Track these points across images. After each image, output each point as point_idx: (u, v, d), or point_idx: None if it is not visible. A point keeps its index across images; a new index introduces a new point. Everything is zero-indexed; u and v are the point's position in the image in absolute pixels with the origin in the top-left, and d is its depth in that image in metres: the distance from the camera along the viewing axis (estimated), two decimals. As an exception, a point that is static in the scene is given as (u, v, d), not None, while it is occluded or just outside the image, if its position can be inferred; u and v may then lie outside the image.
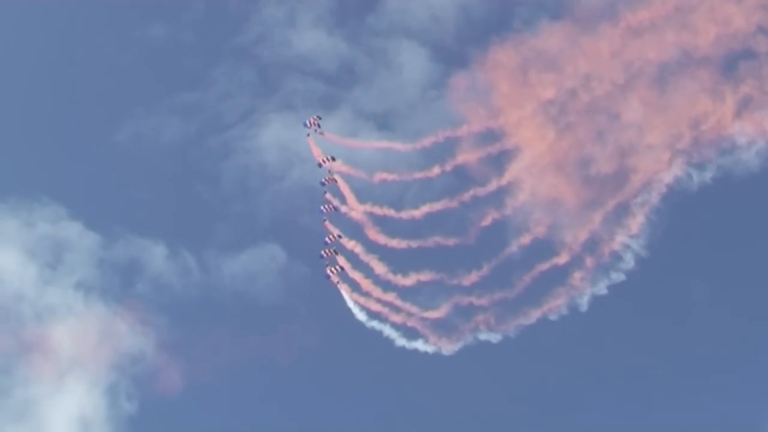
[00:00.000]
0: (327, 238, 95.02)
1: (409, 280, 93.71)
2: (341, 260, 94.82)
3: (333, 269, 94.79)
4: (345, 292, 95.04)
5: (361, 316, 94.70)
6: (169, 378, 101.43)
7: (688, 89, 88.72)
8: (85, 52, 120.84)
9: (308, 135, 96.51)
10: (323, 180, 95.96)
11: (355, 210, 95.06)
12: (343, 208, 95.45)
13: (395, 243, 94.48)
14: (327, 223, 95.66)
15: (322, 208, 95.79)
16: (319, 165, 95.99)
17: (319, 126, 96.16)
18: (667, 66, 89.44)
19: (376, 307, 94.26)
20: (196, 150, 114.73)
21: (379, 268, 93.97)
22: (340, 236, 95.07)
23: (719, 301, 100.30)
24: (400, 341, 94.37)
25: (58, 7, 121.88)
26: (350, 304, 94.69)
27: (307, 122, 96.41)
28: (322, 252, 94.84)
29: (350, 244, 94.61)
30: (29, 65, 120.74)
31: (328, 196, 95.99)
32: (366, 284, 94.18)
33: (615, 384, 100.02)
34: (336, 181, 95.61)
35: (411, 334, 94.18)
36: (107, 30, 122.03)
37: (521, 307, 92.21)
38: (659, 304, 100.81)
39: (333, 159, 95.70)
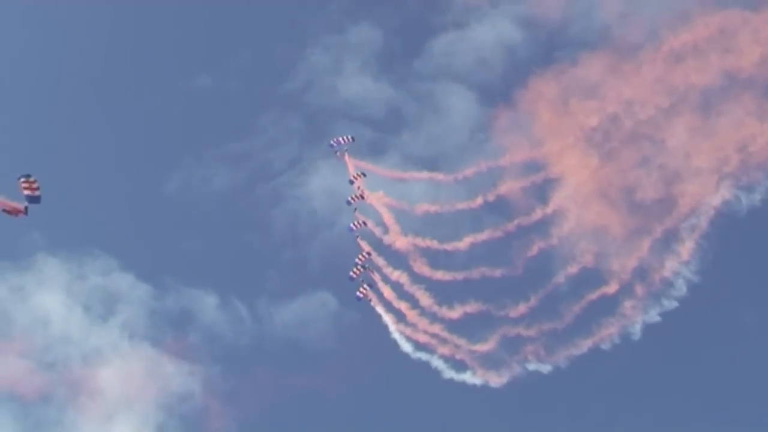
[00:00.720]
0: (358, 258, 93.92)
1: (455, 313, 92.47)
2: (373, 275, 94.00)
3: (363, 288, 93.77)
4: (381, 311, 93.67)
5: (407, 347, 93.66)
6: (218, 418, 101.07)
7: (733, 112, 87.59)
8: (132, 104, 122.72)
9: (336, 152, 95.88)
10: (350, 198, 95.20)
11: (399, 241, 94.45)
12: (386, 239, 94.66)
13: (440, 275, 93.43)
14: (359, 239, 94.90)
15: (351, 225, 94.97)
16: (351, 182, 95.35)
17: (353, 140, 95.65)
18: (711, 89, 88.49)
19: (423, 338, 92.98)
20: (246, 198, 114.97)
21: (425, 299, 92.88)
22: (369, 254, 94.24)
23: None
24: (448, 373, 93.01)
25: (103, 60, 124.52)
26: (394, 333, 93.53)
27: (341, 140, 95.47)
28: (351, 273, 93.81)
29: (395, 274, 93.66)
30: (78, 118, 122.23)
31: (357, 213, 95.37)
32: (412, 315, 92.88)
33: (670, 411, 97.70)
34: (363, 198, 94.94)
35: (459, 366, 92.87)
36: (154, 81, 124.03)
37: (571, 337, 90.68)
38: (713, 330, 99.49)
39: (364, 175, 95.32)
